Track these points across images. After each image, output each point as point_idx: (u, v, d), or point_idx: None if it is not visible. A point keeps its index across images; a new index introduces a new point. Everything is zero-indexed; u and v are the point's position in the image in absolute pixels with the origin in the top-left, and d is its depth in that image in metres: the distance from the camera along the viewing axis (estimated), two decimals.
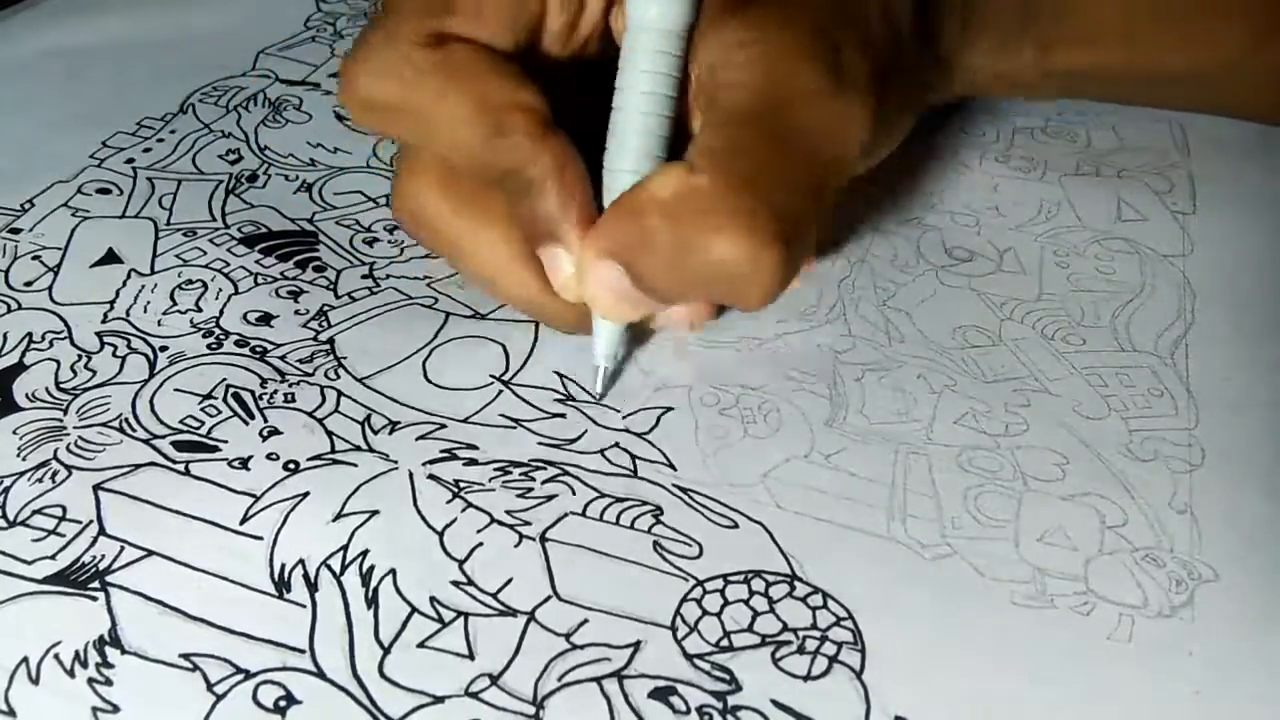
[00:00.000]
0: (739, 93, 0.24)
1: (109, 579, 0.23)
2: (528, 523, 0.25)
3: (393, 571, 0.23)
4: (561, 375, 0.29)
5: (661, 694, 0.21)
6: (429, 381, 0.28)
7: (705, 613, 0.23)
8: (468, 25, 0.25)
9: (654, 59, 0.25)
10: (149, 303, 0.31)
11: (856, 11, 0.26)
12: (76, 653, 0.22)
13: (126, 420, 0.27)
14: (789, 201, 0.24)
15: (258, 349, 0.29)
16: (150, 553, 0.24)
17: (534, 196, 0.25)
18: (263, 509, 0.25)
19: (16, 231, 0.33)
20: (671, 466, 0.26)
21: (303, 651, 0.22)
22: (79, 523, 0.24)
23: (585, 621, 0.23)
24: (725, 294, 0.25)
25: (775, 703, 0.21)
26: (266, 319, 0.30)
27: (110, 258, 0.32)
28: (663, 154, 0.25)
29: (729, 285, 0.24)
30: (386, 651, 0.22)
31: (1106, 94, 0.39)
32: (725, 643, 0.22)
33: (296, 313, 0.30)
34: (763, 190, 0.23)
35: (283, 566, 0.23)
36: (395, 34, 0.25)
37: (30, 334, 0.29)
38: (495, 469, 0.26)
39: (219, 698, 0.21)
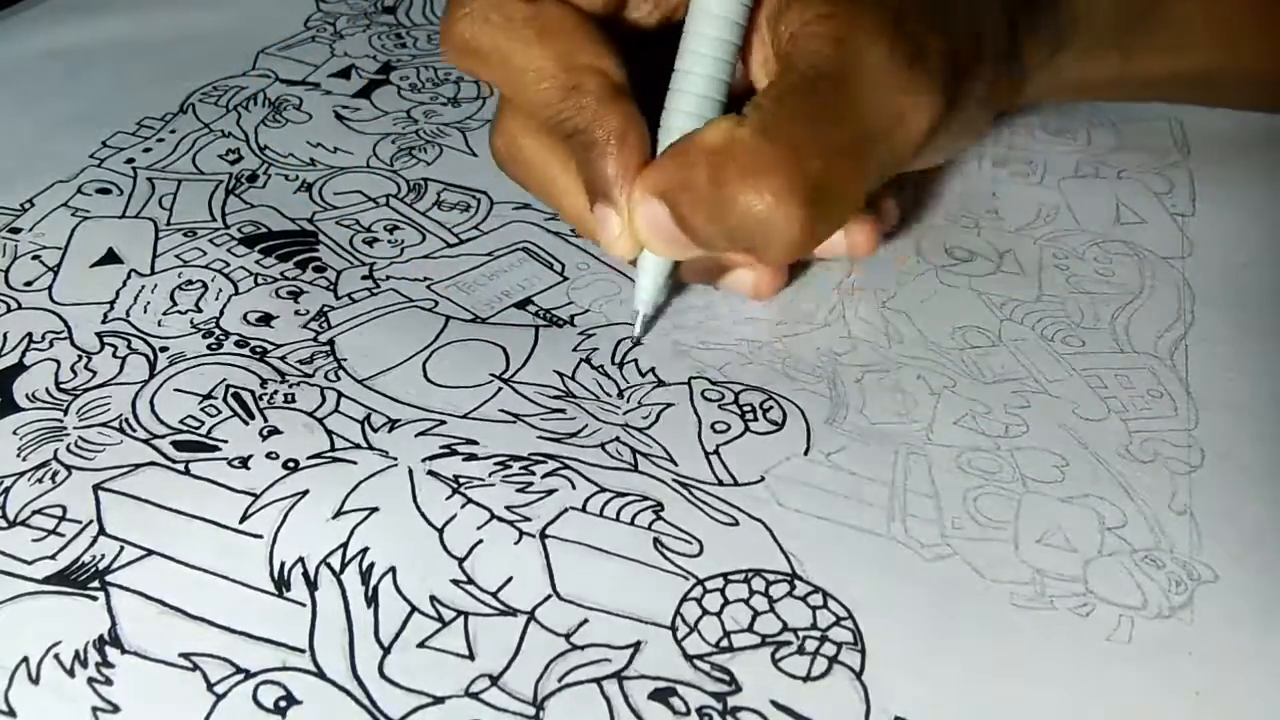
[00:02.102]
0: (809, 60, 0.25)
1: (109, 579, 0.23)
2: (528, 519, 0.25)
3: (392, 569, 0.23)
4: (561, 373, 0.29)
5: (661, 695, 0.21)
6: (429, 381, 0.28)
7: (705, 612, 0.23)
8: None
9: (715, 24, 0.26)
10: (149, 303, 0.31)
11: (940, 6, 0.27)
12: (76, 652, 0.22)
13: (126, 420, 0.27)
14: (827, 169, 0.24)
15: (258, 349, 0.29)
16: (150, 552, 0.24)
17: (595, 156, 0.26)
18: (262, 507, 0.25)
19: (16, 231, 0.33)
20: (672, 461, 0.26)
21: (303, 651, 0.22)
22: (79, 523, 0.24)
23: (585, 621, 0.23)
24: (750, 245, 0.25)
25: (775, 703, 0.21)
26: (266, 319, 0.30)
27: (110, 258, 0.32)
28: (719, 108, 0.27)
29: (754, 237, 0.25)
30: (386, 651, 0.22)
31: (1173, 97, 0.40)
32: (725, 643, 0.22)
33: (296, 313, 0.30)
34: (801, 152, 0.24)
35: (282, 565, 0.23)
36: None
37: (30, 334, 0.29)
38: (495, 463, 0.26)
39: (219, 698, 0.21)
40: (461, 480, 0.25)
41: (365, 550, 0.24)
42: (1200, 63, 0.36)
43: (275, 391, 0.28)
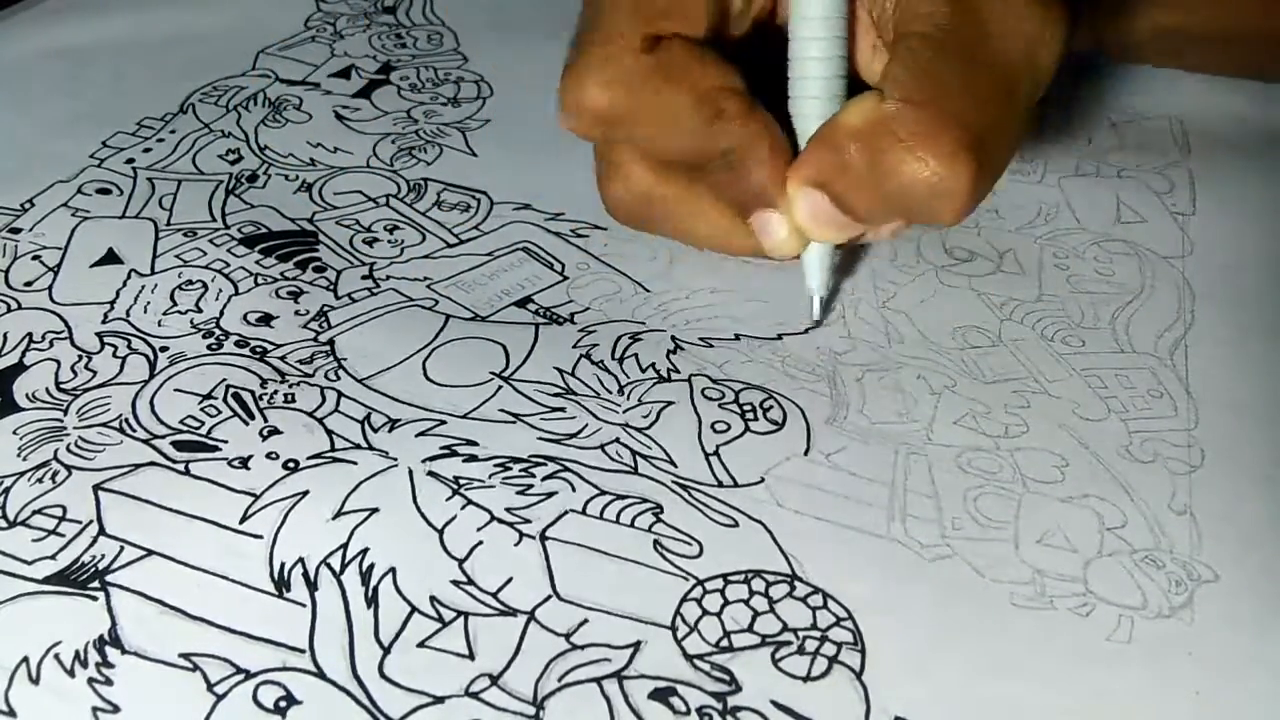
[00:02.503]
0: (923, 22, 0.26)
1: (109, 579, 0.23)
2: (528, 520, 0.25)
3: (392, 570, 0.23)
4: (561, 370, 0.29)
5: (661, 695, 0.21)
6: (429, 380, 0.28)
7: (705, 612, 0.23)
8: (676, 23, 0.27)
9: (825, 5, 0.27)
10: (149, 303, 0.31)
11: None
12: (76, 653, 0.22)
13: (126, 420, 0.27)
14: (979, 116, 0.25)
15: (258, 349, 0.29)
16: (150, 552, 0.24)
17: (747, 169, 0.27)
18: (262, 508, 0.25)
19: (16, 231, 0.33)
20: (672, 463, 0.26)
21: (303, 651, 0.22)
22: (79, 523, 0.24)
23: (585, 621, 0.23)
24: (922, 211, 0.26)
25: (775, 703, 0.21)
26: (266, 319, 0.30)
27: (110, 258, 0.32)
28: (843, 93, 0.28)
29: (925, 202, 0.25)
30: (386, 651, 0.22)
31: (1201, 62, 0.40)
32: (725, 643, 0.22)
33: (296, 313, 0.30)
34: (951, 108, 0.25)
35: (282, 565, 0.23)
36: (614, 44, 0.27)
37: (30, 334, 0.29)
38: (495, 465, 0.26)
39: (219, 698, 0.21)
40: (462, 481, 0.25)
41: (365, 551, 0.24)
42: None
43: (275, 391, 0.28)
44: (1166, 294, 0.32)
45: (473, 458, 0.26)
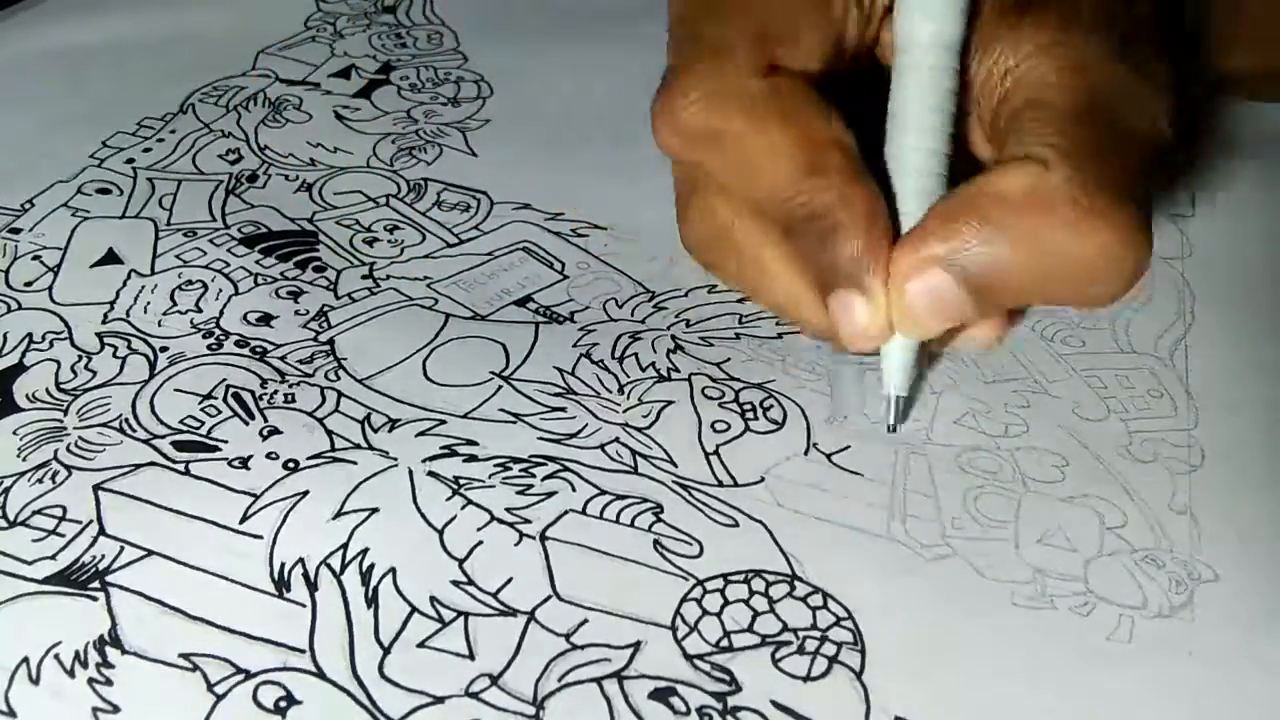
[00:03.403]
0: (1059, 93, 0.24)
1: (109, 579, 0.23)
2: (528, 521, 0.25)
3: (392, 570, 0.23)
4: (561, 369, 0.29)
5: (661, 695, 0.21)
6: (429, 380, 0.28)
7: (705, 612, 0.23)
8: (793, 52, 0.25)
9: (933, 73, 0.24)
10: (149, 303, 0.31)
11: (1135, 12, 0.26)
12: (76, 653, 0.22)
13: (126, 420, 0.27)
14: (1138, 190, 0.23)
15: (258, 349, 0.29)
16: (150, 552, 0.24)
17: (838, 240, 0.24)
18: (262, 508, 0.25)
19: (16, 231, 0.33)
20: (672, 462, 0.26)
21: (303, 651, 0.22)
22: (79, 523, 0.24)
23: (585, 621, 0.23)
24: (1080, 292, 0.24)
25: (775, 703, 0.21)
26: (266, 319, 0.30)
27: (110, 258, 0.32)
28: (944, 172, 0.25)
29: (1089, 282, 0.23)
30: (386, 651, 0.22)
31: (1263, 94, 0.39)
32: (725, 643, 0.22)
33: (296, 313, 0.30)
34: (1121, 183, 0.23)
35: (282, 565, 0.23)
36: (726, 63, 0.25)
37: (30, 334, 0.29)
38: (495, 465, 0.26)
39: (219, 698, 0.21)
40: (462, 481, 0.25)
41: (365, 551, 0.24)
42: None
43: (275, 391, 0.28)
44: (1166, 295, 0.32)
45: (473, 457, 0.26)
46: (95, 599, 0.23)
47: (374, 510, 0.25)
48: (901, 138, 0.25)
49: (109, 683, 0.21)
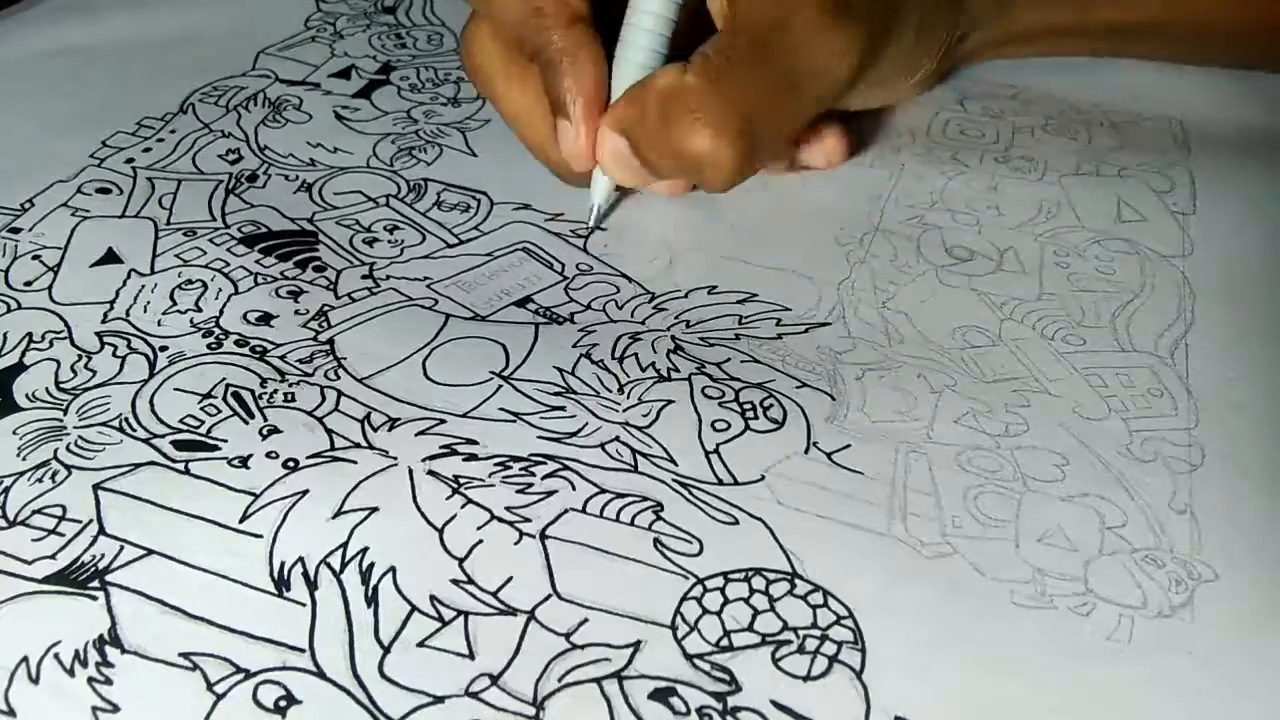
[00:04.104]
0: (750, 11, 0.29)
1: (109, 578, 0.23)
2: (528, 519, 0.25)
3: (392, 569, 0.23)
4: (561, 369, 0.29)
5: (661, 695, 0.21)
6: (429, 379, 0.28)
7: (705, 611, 0.23)
8: None
9: None
10: (149, 303, 0.31)
11: None
12: (76, 652, 0.22)
13: (126, 420, 0.27)
14: (759, 108, 0.28)
15: (258, 349, 0.29)
16: (150, 552, 0.24)
17: (558, 73, 0.30)
18: (262, 507, 0.25)
19: (16, 231, 0.33)
20: (672, 461, 0.26)
21: (302, 651, 0.22)
22: (79, 522, 0.24)
23: (585, 621, 0.23)
24: (695, 175, 0.30)
25: (775, 703, 0.21)
26: (266, 319, 0.30)
27: (110, 258, 0.32)
28: (664, 50, 0.31)
29: (698, 169, 0.29)
30: (386, 651, 0.22)
31: (1130, 51, 0.41)
32: (725, 642, 0.22)
33: (296, 313, 0.30)
34: (736, 95, 0.28)
35: (282, 565, 0.23)
36: None
37: (30, 334, 0.29)
38: (495, 464, 0.26)
39: (219, 697, 0.21)
40: (461, 480, 0.25)
41: (365, 550, 0.24)
42: (1153, 14, 0.38)
43: (275, 391, 0.28)
44: (1167, 293, 0.32)
45: (472, 456, 0.26)
46: (95, 598, 0.23)
47: (374, 509, 0.25)
48: (638, 3, 0.30)
49: (109, 682, 0.21)
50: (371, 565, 0.23)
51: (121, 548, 0.24)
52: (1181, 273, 0.33)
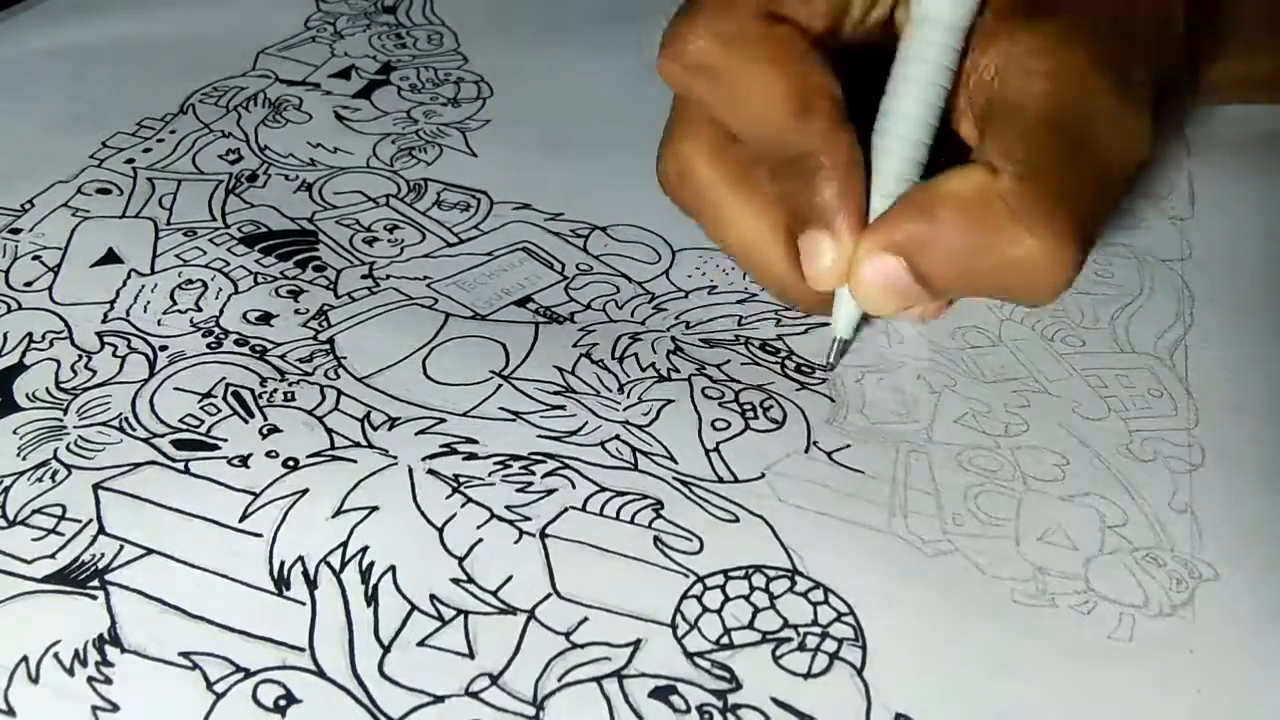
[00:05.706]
0: (1034, 101, 0.25)
1: (109, 577, 0.23)
2: (528, 518, 0.25)
3: (392, 568, 0.23)
4: (561, 369, 0.29)
5: (662, 693, 0.21)
6: (428, 378, 0.28)
7: (706, 609, 0.23)
8: (797, 8, 0.27)
9: (937, 52, 0.26)
10: (149, 302, 0.31)
11: (1137, 29, 0.27)
12: (76, 651, 0.22)
13: (126, 419, 0.27)
14: (1086, 206, 0.25)
15: (257, 348, 0.29)
16: (150, 551, 0.24)
17: (817, 182, 0.26)
18: (262, 506, 0.25)
19: (16, 231, 0.33)
20: (672, 459, 0.26)
21: (302, 650, 0.22)
22: (79, 522, 0.24)
23: (585, 620, 0.23)
24: (1015, 291, 0.26)
25: (776, 701, 0.21)
26: (266, 318, 0.30)
27: (110, 258, 0.32)
28: (929, 142, 0.26)
29: (1023, 284, 0.25)
30: (386, 650, 0.22)
31: None
32: (726, 640, 0.22)
33: (296, 312, 0.30)
34: (1066, 194, 0.24)
35: (282, 564, 0.23)
36: (735, 7, 0.26)
37: (30, 334, 0.29)
38: (495, 463, 0.26)
39: (219, 696, 0.21)
40: (461, 479, 0.25)
41: (365, 549, 0.24)
42: None
43: (275, 390, 0.28)
44: (1166, 296, 0.32)
45: (472, 455, 0.26)
46: (95, 597, 0.23)
47: (374, 508, 0.25)
48: (895, 108, 0.26)
49: (109, 681, 0.21)
50: (371, 564, 0.23)
51: (121, 547, 0.24)
52: (1180, 276, 0.33)
